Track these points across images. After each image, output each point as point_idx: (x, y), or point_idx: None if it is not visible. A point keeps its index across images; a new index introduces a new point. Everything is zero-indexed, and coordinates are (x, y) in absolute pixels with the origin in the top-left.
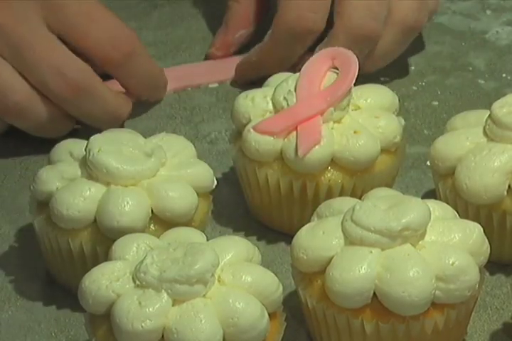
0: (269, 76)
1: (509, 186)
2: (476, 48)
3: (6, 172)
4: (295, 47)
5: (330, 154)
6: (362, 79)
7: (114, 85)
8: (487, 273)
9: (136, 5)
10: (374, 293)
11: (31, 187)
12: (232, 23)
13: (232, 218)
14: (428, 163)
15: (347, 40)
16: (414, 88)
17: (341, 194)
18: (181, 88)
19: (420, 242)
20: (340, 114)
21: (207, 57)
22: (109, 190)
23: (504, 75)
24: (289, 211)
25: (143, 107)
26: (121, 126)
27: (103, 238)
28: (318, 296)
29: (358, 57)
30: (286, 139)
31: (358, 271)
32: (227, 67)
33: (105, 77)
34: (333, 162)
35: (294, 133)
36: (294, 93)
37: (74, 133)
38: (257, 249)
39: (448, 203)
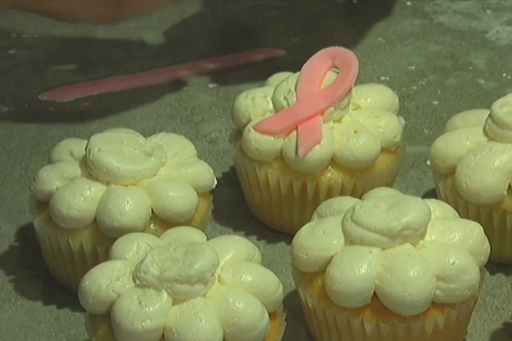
0: None
1: (509, 186)
2: (476, 48)
3: (6, 172)
4: None
5: (330, 154)
6: (362, 78)
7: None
8: (487, 273)
9: None
10: (374, 293)
11: (31, 187)
12: None
13: (232, 217)
14: (428, 162)
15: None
16: (415, 88)
17: (341, 193)
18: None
19: (420, 242)
20: (340, 114)
21: None
22: (109, 189)
23: (504, 75)
24: (290, 210)
25: (143, 107)
26: None
27: (103, 237)
28: (318, 296)
29: None
30: (286, 139)
31: (358, 270)
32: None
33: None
34: (334, 161)
35: (295, 132)
36: (294, 92)
37: (74, 133)
38: (257, 248)
39: (448, 203)
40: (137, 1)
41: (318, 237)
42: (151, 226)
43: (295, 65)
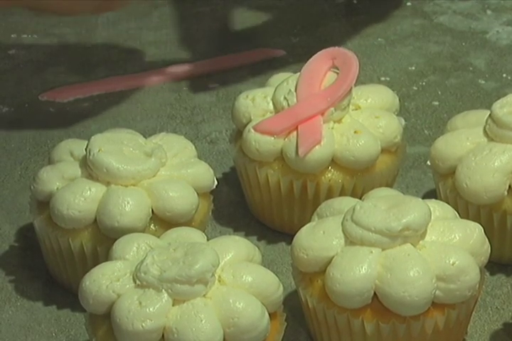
0: None
1: (509, 186)
2: (476, 48)
3: (6, 172)
4: None
5: (330, 154)
6: (362, 79)
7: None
8: (487, 273)
9: (136, 5)
10: (374, 293)
11: (31, 187)
12: None
13: (232, 218)
14: (428, 162)
15: None
16: (415, 88)
17: (342, 194)
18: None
19: (421, 242)
20: (340, 114)
21: None
22: (109, 189)
23: (504, 75)
24: (290, 211)
25: (143, 107)
26: None
27: (103, 238)
28: (318, 296)
29: None
30: (286, 139)
31: (358, 271)
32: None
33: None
34: (334, 162)
35: (295, 133)
36: (294, 93)
37: (74, 133)
38: (257, 248)
39: (448, 203)
40: None
41: (319, 237)
42: (151, 226)
43: (295, 66)
